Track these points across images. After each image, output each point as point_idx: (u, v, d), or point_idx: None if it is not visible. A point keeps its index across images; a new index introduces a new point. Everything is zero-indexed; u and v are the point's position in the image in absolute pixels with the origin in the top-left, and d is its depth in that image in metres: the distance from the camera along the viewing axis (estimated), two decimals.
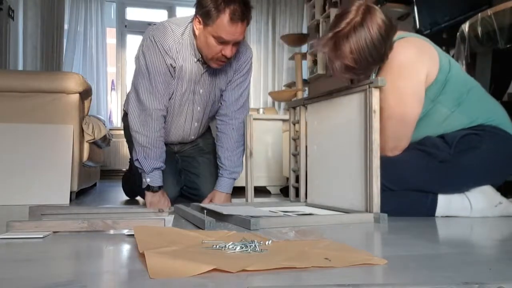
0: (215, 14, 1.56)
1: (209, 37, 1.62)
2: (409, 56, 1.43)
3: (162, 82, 1.75)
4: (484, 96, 1.57)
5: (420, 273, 0.72)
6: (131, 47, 5.53)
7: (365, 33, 1.35)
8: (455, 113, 1.49)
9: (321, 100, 1.69)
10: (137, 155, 1.77)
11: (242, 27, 1.59)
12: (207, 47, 1.65)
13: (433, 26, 2.96)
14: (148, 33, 1.75)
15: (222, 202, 1.85)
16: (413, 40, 1.49)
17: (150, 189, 1.77)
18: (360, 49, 1.36)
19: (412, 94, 1.45)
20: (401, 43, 1.45)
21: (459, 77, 1.51)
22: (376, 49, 1.37)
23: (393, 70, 1.44)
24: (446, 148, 1.47)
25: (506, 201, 1.48)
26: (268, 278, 0.68)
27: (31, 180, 2.11)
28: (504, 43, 1.76)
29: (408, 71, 1.43)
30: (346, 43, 1.37)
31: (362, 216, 1.37)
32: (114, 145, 4.93)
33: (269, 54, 5.72)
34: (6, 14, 3.99)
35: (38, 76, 2.31)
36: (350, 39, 1.36)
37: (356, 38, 1.36)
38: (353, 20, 1.36)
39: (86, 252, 0.93)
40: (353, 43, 1.36)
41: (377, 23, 1.36)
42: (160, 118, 1.78)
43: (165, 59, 1.72)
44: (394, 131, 1.48)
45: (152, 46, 1.71)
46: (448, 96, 1.48)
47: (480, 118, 1.49)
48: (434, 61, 1.46)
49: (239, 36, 1.61)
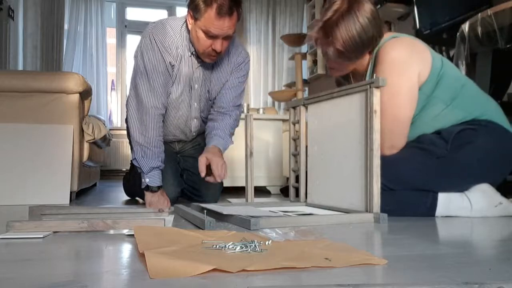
0: (203, 8, 1.57)
1: (199, 32, 1.63)
2: (401, 53, 1.47)
3: (160, 81, 1.75)
4: (477, 91, 1.60)
5: (420, 273, 0.72)
6: (131, 47, 5.53)
7: (353, 18, 1.44)
8: (450, 108, 1.52)
9: (321, 100, 1.69)
10: (135, 154, 1.77)
11: (230, 21, 1.59)
12: (198, 41, 1.67)
13: (433, 26, 2.96)
14: (147, 31, 1.75)
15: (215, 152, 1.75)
16: (405, 40, 1.52)
17: (149, 189, 1.77)
18: (349, 33, 1.44)
19: (405, 92, 1.47)
20: (393, 42, 1.50)
21: (452, 74, 1.54)
22: (365, 32, 1.45)
23: (385, 67, 1.47)
24: (442, 144, 1.48)
25: (506, 201, 1.48)
26: (268, 278, 0.68)
27: (31, 180, 2.11)
28: (504, 43, 1.76)
29: (400, 67, 1.46)
30: (336, 29, 1.45)
31: (362, 216, 1.37)
32: (114, 145, 4.93)
33: (269, 54, 5.71)
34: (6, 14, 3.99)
35: (38, 76, 2.31)
36: (339, 25, 1.45)
37: (345, 23, 1.44)
38: (340, 8, 1.46)
39: (86, 252, 0.93)
40: (342, 28, 1.44)
41: (363, 9, 1.45)
42: (158, 117, 1.78)
43: (164, 57, 1.73)
44: (389, 130, 1.49)
45: (151, 44, 1.72)
46: (443, 91, 1.50)
47: (474, 113, 1.52)
48: (426, 59, 1.49)
49: (228, 30, 1.61)
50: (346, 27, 1.44)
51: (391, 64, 1.46)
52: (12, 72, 2.72)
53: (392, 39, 1.51)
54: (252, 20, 5.68)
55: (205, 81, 1.87)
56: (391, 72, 1.45)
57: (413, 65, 1.46)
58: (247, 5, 5.60)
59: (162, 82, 1.76)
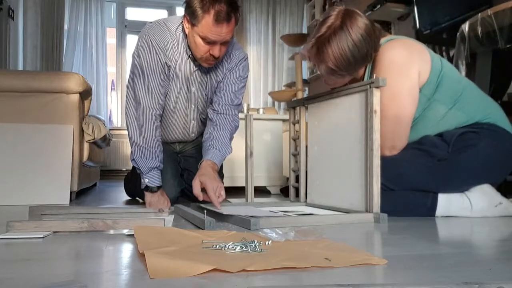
0: (201, 15, 1.55)
1: (197, 37, 1.62)
2: (399, 54, 1.46)
3: (157, 81, 1.75)
4: (479, 94, 1.59)
5: (420, 273, 0.72)
6: (131, 47, 5.53)
7: (345, 36, 1.41)
8: (452, 111, 1.50)
9: (321, 100, 1.69)
10: (134, 155, 1.77)
11: (228, 27, 1.57)
12: (195, 47, 1.65)
13: (433, 26, 2.96)
14: (144, 32, 1.75)
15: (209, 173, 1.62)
16: (403, 41, 1.52)
17: (149, 189, 1.77)
18: (341, 51, 1.42)
19: (406, 93, 1.46)
20: (391, 43, 1.49)
21: (452, 75, 1.53)
22: (358, 49, 1.42)
23: (385, 68, 1.45)
24: (444, 146, 1.47)
25: (506, 201, 1.48)
26: (268, 278, 0.68)
27: (31, 180, 2.11)
28: (504, 43, 1.76)
29: (399, 68, 1.45)
30: (328, 47, 1.43)
31: (362, 216, 1.37)
32: (114, 145, 4.93)
33: (269, 54, 5.72)
34: (6, 14, 3.99)
35: (38, 76, 2.31)
36: (331, 42, 1.42)
37: (337, 40, 1.41)
38: (333, 24, 1.43)
39: (86, 252, 0.93)
40: (334, 46, 1.42)
41: (357, 25, 1.42)
42: (155, 118, 1.77)
43: (160, 57, 1.72)
44: (390, 130, 1.48)
45: (147, 45, 1.71)
46: (444, 94, 1.49)
47: (477, 116, 1.51)
48: (425, 59, 1.48)
49: (225, 36, 1.60)
50: (338, 44, 1.41)
51: (391, 64, 1.45)
52: (12, 72, 2.72)
53: (390, 41, 1.49)
54: (252, 20, 5.68)
55: (203, 84, 1.87)
56: (391, 72, 1.44)
57: (413, 64, 1.45)
58: (247, 5, 5.60)
59: (159, 83, 1.75)
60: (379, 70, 1.47)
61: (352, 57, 1.43)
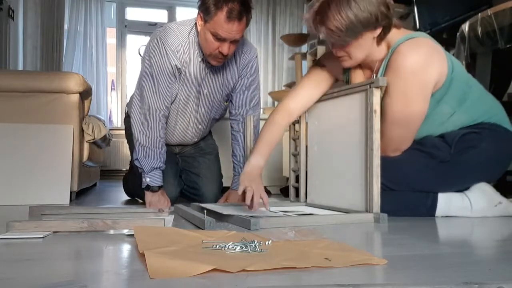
0: (214, 11, 1.58)
1: (208, 33, 1.64)
2: (419, 62, 1.36)
3: (165, 83, 1.76)
4: (483, 93, 1.57)
5: (420, 273, 0.72)
6: (131, 47, 5.53)
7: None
8: (458, 113, 1.48)
9: (321, 100, 1.69)
10: (137, 155, 1.78)
11: (239, 26, 1.60)
12: (205, 43, 1.68)
13: (433, 26, 2.96)
14: (155, 34, 1.77)
15: (237, 201, 1.80)
16: (422, 43, 1.40)
17: (150, 189, 1.77)
18: (341, 12, 1.34)
19: (420, 100, 1.41)
20: (409, 45, 1.39)
21: (462, 76, 1.49)
22: (361, 10, 1.33)
23: (403, 76, 1.37)
24: (446, 148, 1.47)
25: (506, 201, 1.48)
26: (268, 278, 0.68)
27: (31, 180, 2.11)
28: (504, 43, 1.76)
29: (418, 78, 1.37)
30: (327, 8, 1.36)
31: (362, 216, 1.36)
32: (114, 145, 4.93)
33: (269, 54, 5.71)
34: (6, 14, 3.99)
35: (38, 76, 2.31)
36: (330, 3, 1.35)
37: (336, 1, 1.35)
38: None
39: (86, 252, 0.93)
40: (333, 6, 1.35)
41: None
42: (161, 119, 1.78)
43: (170, 60, 1.73)
44: (397, 134, 1.47)
45: (158, 47, 1.73)
46: (452, 95, 1.45)
47: (481, 117, 1.50)
48: (444, 64, 1.41)
49: (236, 35, 1.62)
50: (338, 5, 1.34)
51: (408, 73, 1.36)
52: (12, 72, 2.72)
53: (408, 41, 1.40)
54: (252, 20, 5.61)
55: (215, 86, 1.88)
56: (410, 82, 1.37)
57: (432, 72, 1.38)
58: None
59: (167, 85, 1.77)
60: (395, 77, 1.39)
61: (354, 19, 1.33)
